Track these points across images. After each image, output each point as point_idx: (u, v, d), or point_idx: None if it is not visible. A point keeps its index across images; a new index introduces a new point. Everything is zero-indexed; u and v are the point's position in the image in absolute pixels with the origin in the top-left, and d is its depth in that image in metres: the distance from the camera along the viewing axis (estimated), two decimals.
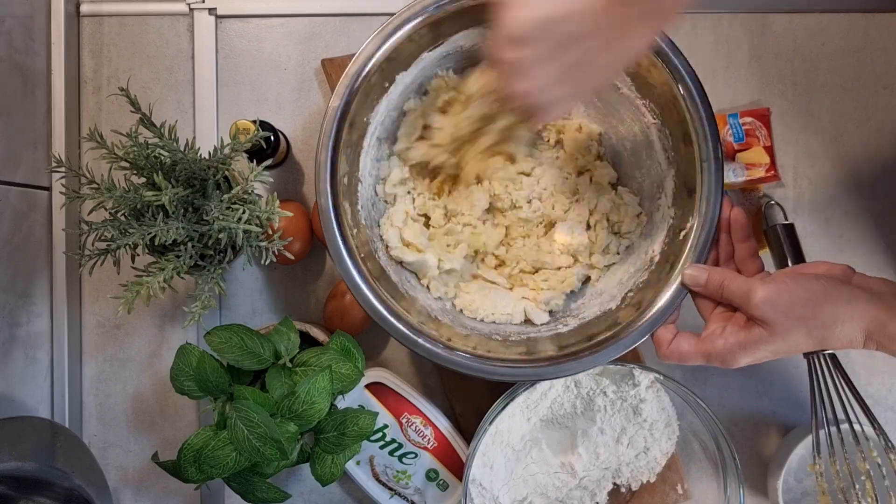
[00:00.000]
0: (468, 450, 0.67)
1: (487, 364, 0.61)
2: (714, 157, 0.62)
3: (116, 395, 0.78)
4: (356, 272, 0.62)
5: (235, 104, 0.77)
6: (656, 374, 0.67)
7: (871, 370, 0.77)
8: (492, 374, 0.61)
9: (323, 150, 0.63)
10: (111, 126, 0.76)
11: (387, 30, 0.63)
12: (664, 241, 0.66)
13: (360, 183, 0.68)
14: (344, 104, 0.63)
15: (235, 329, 0.64)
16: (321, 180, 0.63)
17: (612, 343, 0.61)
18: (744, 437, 0.77)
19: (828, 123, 0.78)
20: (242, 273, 0.77)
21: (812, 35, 0.78)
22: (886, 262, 0.77)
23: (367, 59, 0.63)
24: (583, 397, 0.69)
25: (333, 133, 0.63)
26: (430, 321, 0.65)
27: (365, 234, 0.67)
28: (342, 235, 0.62)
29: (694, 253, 0.62)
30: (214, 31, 0.77)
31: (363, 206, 0.68)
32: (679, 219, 0.65)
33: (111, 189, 0.60)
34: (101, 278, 0.77)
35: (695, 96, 0.63)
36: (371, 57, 0.63)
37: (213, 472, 0.61)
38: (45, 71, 0.74)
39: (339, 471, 0.66)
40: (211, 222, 0.61)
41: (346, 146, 0.64)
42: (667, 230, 0.66)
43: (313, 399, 0.62)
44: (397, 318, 0.62)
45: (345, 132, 0.64)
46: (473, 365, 0.61)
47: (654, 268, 0.66)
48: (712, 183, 0.62)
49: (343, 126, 0.63)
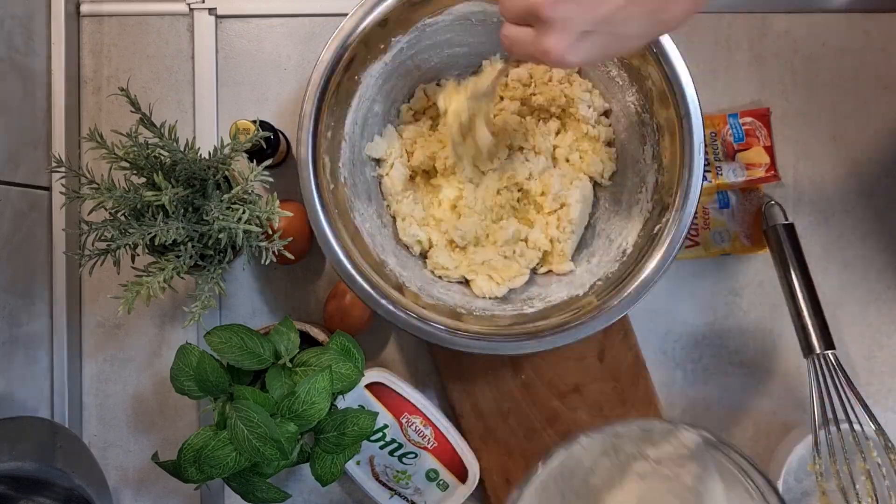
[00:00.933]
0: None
1: (455, 335, 0.63)
2: (694, 156, 0.63)
3: (116, 395, 0.78)
4: (328, 226, 0.64)
5: (235, 104, 0.77)
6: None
7: (870, 370, 0.77)
8: (454, 344, 0.63)
9: (308, 102, 0.64)
10: (111, 126, 0.76)
11: None
12: (639, 233, 0.67)
13: (343, 141, 0.69)
14: (334, 58, 0.64)
15: (235, 329, 0.64)
16: (303, 129, 0.64)
17: (573, 326, 0.63)
18: (744, 437, 0.77)
19: (828, 123, 0.77)
20: (242, 273, 0.77)
21: (812, 35, 0.78)
22: (886, 262, 0.77)
23: (362, 19, 0.64)
24: None
25: (321, 85, 0.64)
26: (397, 288, 0.66)
27: (343, 192, 0.68)
28: (317, 186, 0.64)
29: (666, 248, 0.63)
30: (214, 31, 0.77)
31: (344, 165, 0.69)
32: (655, 214, 0.66)
33: (111, 189, 0.60)
34: (101, 278, 0.77)
35: (686, 96, 0.63)
36: (365, 16, 0.64)
37: (213, 472, 0.61)
38: (45, 71, 0.74)
39: (339, 471, 0.66)
40: (211, 222, 0.61)
41: (332, 102, 0.65)
42: (643, 224, 0.67)
43: (313, 399, 0.62)
44: (366, 280, 0.64)
45: (332, 86, 0.64)
46: (440, 335, 0.64)
47: (625, 259, 0.67)
48: (692, 182, 0.63)
49: (331, 80, 0.64)
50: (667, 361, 0.77)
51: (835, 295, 0.76)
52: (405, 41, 0.69)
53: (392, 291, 0.65)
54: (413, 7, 0.65)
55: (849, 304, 0.77)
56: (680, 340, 0.77)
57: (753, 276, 0.77)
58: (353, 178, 0.71)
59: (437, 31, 0.69)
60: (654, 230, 0.65)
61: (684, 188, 0.63)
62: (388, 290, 0.64)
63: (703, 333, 0.77)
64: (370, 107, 0.71)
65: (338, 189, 0.67)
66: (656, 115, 0.67)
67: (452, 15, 0.68)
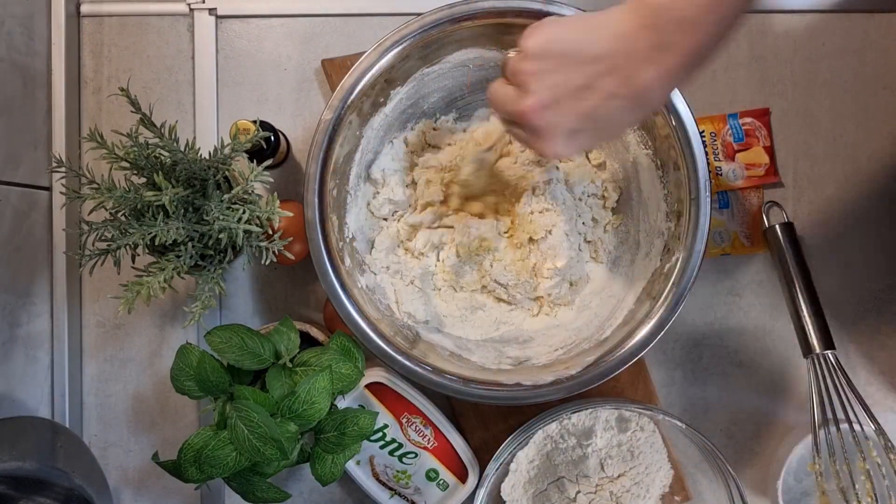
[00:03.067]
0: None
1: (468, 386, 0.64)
2: (699, 223, 0.63)
3: (117, 395, 0.78)
4: (338, 285, 0.65)
5: (235, 104, 0.77)
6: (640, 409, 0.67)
7: (870, 370, 0.77)
8: (469, 395, 0.64)
9: (313, 163, 0.65)
10: (111, 126, 0.76)
11: (385, 44, 0.64)
12: (642, 287, 0.68)
13: (348, 195, 0.70)
14: (336, 119, 0.65)
15: (236, 329, 0.64)
16: (309, 191, 0.65)
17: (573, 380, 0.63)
18: (744, 437, 0.77)
19: (828, 123, 0.77)
20: (242, 273, 0.77)
21: (812, 35, 0.78)
22: (886, 262, 0.77)
23: (363, 74, 0.64)
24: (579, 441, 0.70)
25: (324, 147, 0.65)
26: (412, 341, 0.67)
27: (352, 247, 0.70)
28: (327, 248, 0.65)
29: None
30: (215, 32, 0.77)
31: (350, 221, 0.70)
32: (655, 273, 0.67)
33: (111, 189, 0.60)
34: (102, 278, 0.77)
35: (695, 153, 0.63)
36: (367, 70, 0.64)
37: (213, 471, 0.61)
38: (46, 71, 0.74)
39: (339, 471, 0.66)
40: (211, 222, 0.61)
41: (336, 161, 0.66)
42: (645, 283, 0.68)
43: (313, 399, 0.62)
44: (380, 335, 0.65)
45: (335, 147, 0.65)
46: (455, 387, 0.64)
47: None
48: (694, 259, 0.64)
49: (333, 141, 0.65)
50: (667, 361, 0.77)
51: (835, 295, 0.76)
52: (404, 92, 0.69)
53: (402, 343, 0.66)
54: (410, 60, 0.66)
55: (849, 304, 0.77)
56: (680, 340, 0.77)
57: (753, 276, 0.77)
58: (361, 232, 0.72)
59: (436, 79, 0.70)
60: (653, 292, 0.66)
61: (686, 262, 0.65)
62: (400, 343, 0.65)
63: (703, 333, 0.77)
64: (372, 158, 0.72)
65: (346, 246, 0.69)
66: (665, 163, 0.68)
67: (450, 63, 0.69)
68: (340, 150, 0.66)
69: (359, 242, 0.71)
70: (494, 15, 0.64)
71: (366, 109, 0.67)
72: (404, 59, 0.65)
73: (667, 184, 0.67)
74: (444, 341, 0.70)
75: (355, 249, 0.70)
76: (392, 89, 0.68)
